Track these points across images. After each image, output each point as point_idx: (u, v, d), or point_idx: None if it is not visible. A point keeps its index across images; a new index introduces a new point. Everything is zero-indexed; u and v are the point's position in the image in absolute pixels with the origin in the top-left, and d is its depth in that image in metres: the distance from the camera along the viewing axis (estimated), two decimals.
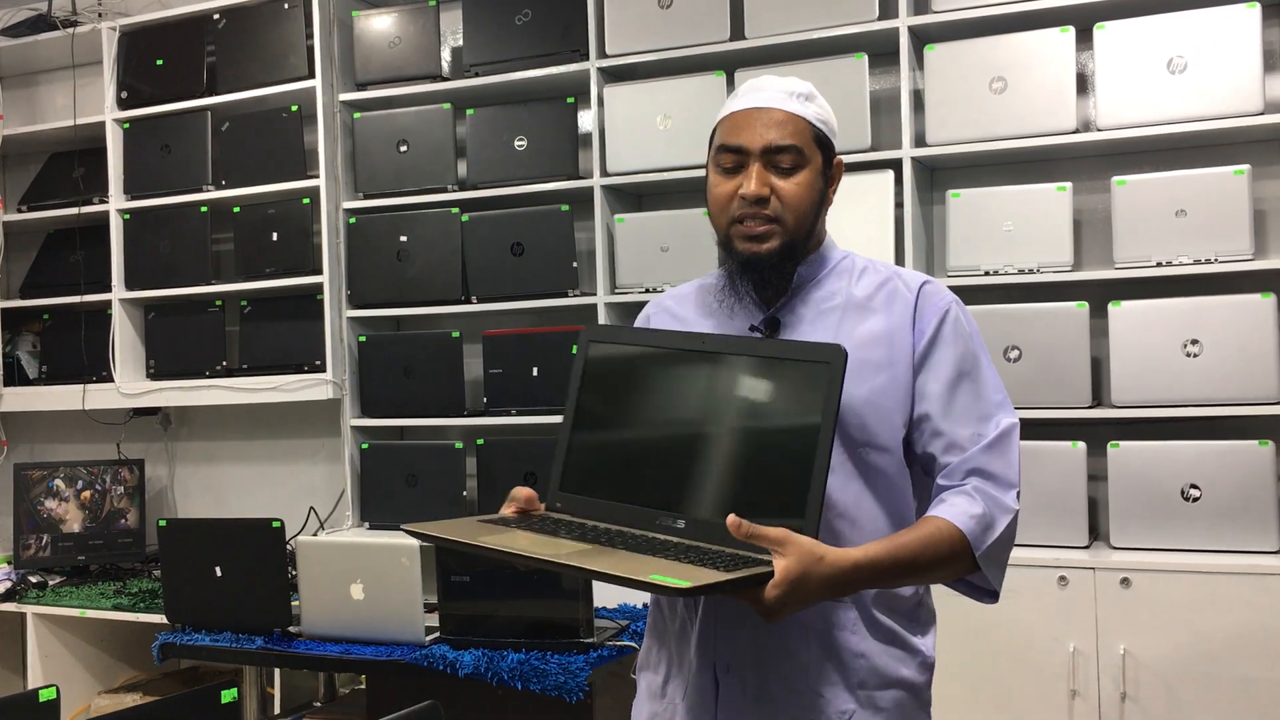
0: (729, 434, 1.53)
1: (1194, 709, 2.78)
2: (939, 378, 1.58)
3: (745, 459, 1.51)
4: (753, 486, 1.50)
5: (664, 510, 1.53)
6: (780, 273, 1.62)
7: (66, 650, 3.88)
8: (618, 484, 1.60)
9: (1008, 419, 1.58)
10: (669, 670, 1.66)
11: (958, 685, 2.95)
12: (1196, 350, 2.93)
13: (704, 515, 1.50)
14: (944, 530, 1.49)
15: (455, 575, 2.78)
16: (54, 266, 4.48)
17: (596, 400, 1.64)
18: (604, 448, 1.63)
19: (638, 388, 1.62)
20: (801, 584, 1.35)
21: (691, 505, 1.52)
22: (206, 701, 2.29)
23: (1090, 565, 2.90)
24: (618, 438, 1.62)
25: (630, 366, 1.63)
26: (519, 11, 3.69)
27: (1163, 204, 2.99)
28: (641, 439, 1.61)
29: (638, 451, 1.60)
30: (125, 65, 4.23)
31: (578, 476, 1.62)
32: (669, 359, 1.61)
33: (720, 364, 1.56)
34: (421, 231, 3.81)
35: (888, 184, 3.25)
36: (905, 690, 1.60)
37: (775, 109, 1.60)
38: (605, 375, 1.64)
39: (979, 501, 1.51)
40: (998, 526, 1.51)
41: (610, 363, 1.65)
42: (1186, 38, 2.98)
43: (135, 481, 4.27)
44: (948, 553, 1.49)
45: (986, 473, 1.54)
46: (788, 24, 3.36)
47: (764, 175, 1.58)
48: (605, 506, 1.58)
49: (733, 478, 1.51)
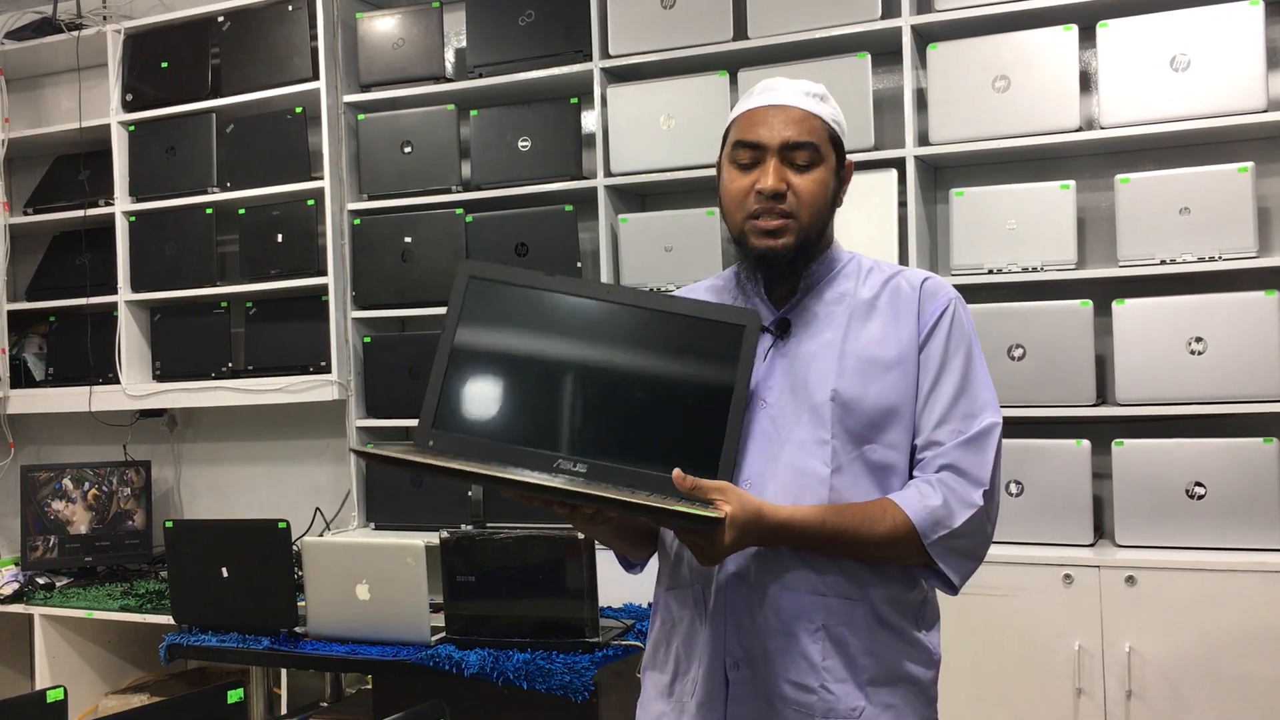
0: (637, 384, 1.53)
1: (1200, 707, 2.78)
2: (929, 372, 1.60)
3: (655, 410, 1.53)
4: (663, 437, 1.52)
5: (561, 453, 1.50)
6: (793, 269, 1.63)
7: (74, 651, 3.90)
8: (503, 424, 1.53)
9: (990, 419, 1.60)
10: (677, 669, 1.66)
11: (964, 683, 2.95)
12: (1201, 348, 2.93)
13: (608, 460, 1.50)
14: (888, 511, 1.54)
15: (460, 575, 2.79)
16: (60, 269, 4.49)
17: (479, 339, 1.55)
18: (488, 387, 1.54)
19: (530, 329, 1.56)
20: (742, 530, 1.45)
21: (593, 449, 1.51)
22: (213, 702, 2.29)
23: (1095, 563, 2.90)
24: (506, 377, 1.55)
25: (520, 308, 1.57)
26: (522, 12, 3.70)
27: (1166, 202, 2.99)
28: (534, 381, 1.55)
29: (528, 393, 1.54)
30: (130, 68, 4.25)
31: (454, 414, 1.53)
32: (564, 305, 1.56)
33: (627, 316, 1.55)
34: (426, 232, 3.81)
35: (891, 183, 3.26)
36: (913, 686, 1.61)
37: (793, 107, 1.62)
38: (490, 314, 1.56)
39: (937, 493, 1.55)
40: (954, 520, 1.54)
41: (496, 302, 1.56)
42: (1189, 35, 2.98)
43: (142, 483, 4.29)
44: (888, 533, 1.53)
45: (957, 468, 1.56)
46: (791, 23, 3.36)
47: (781, 171, 1.60)
48: (488, 446, 1.51)
49: (642, 426, 1.52)
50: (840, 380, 1.59)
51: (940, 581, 1.60)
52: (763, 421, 1.61)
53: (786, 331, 1.64)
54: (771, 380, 1.62)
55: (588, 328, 1.55)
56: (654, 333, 1.55)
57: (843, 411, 1.57)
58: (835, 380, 1.59)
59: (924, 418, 1.59)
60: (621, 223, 3.58)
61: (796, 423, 1.59)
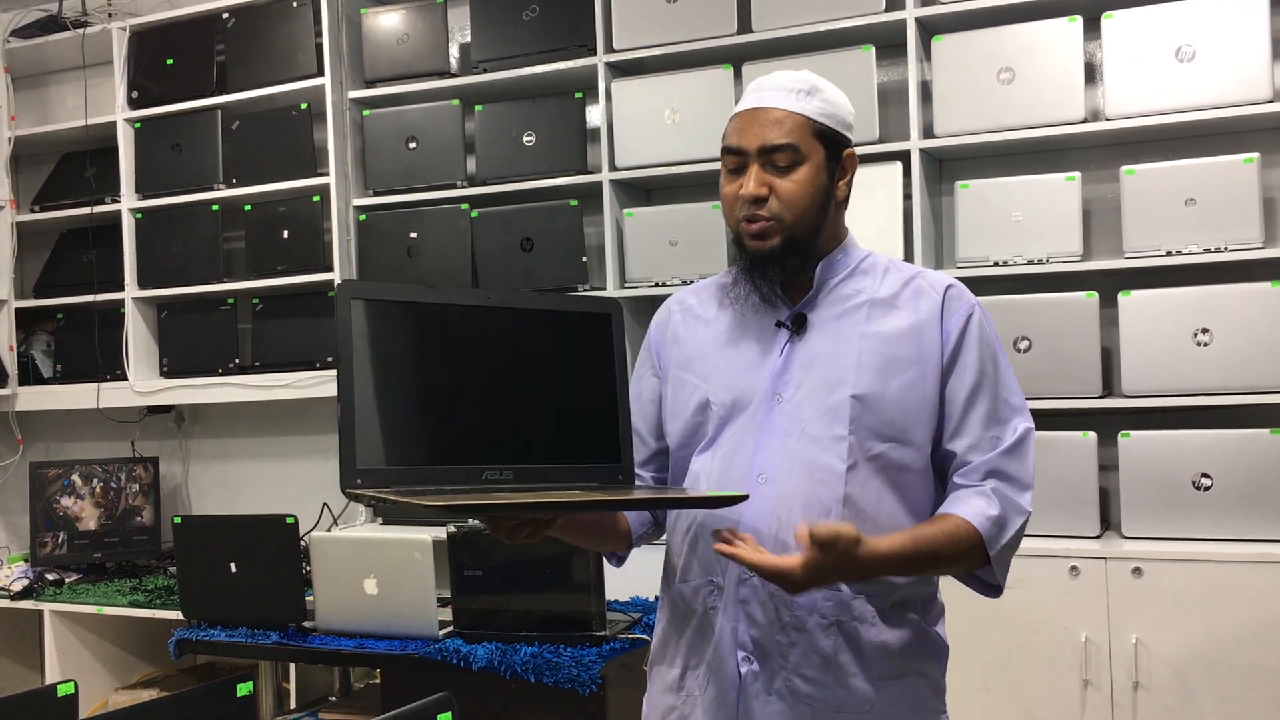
0: (527, 383, 1.55)
1: (1207, 698, 2.78)
2: (964, 380, 1.61)
3: (550, 406, 1.56)
4: (566, 432, 1.57)
5: (484, 464, 1.49)
6: (784, 267, 1.63)
7: (84, 647, 3.91)
8: (422, 447, 1.48)
9: (1024, 424, 1.63)
10: (687, 662, 1.67)
11: (971, 675, 2.95)
12: (1207, 339, 2.93)
13: (527, 463, 1.52)
14: (962, 529, 1.55)
15: (468, 569, 2.80)
16: (67, 266, 4.51)
17: (375, 362, 1.46)
18: (394, 412, 1.46)
19: (419, 344, 1.50)
20: (829, 565, 1.44)
21: (511, 455, 1.51)
22: (222, 696, 2.31)
23: (1102, 555, 2.90)
24: (411, 398, 1.49)
25: (405, 322, 1.50)
26: (526, 7, 3.70)
27: (1172, 193, 2.98)
28: (437, 396, 1.50)
29: (434, 410, 1.49)
30: (135, 65, 4.25)
31: (374, 449, 1.44)
32: (442, 313, 1.52)
33: (501, 318, 1.56)
34: (431, 228, 3.82)
35: (896, 176, 3.25)
36: (923, 679, 1.63)
37: (773, 108, 1.62)
38: (377, 334, 1.46)
39: (996, 503, 1.57)
40: (1010, 528, 1.58)
41: (381, 320, 1.47)
42: (1194, 26, 2.97)
43: (150, 479, 4.30)
44: (964, 550, 1.55)
45: (1004, 474, 1.60)
46: (795, 17, 3.36)
47: (762, 175, 1.61)
48: (417, 473, 1.45)
49: (546, 424, 1.56)
50: (859, 377, 1.59)
51: (986, 588, 1.63)
52: (779, 417, 1.61)
53: (802, 327, 1.65)
54: (788, 376, 1.62)
55: (473, 335, 1.54)
56: (533, 331, 1.57)
57: (861, 408, 1.58)
58: (854, 377, 1.59)
59: (963, 426, 1.60)
60: (627, 217, 3.58)
61: (813, 418, 1.59)
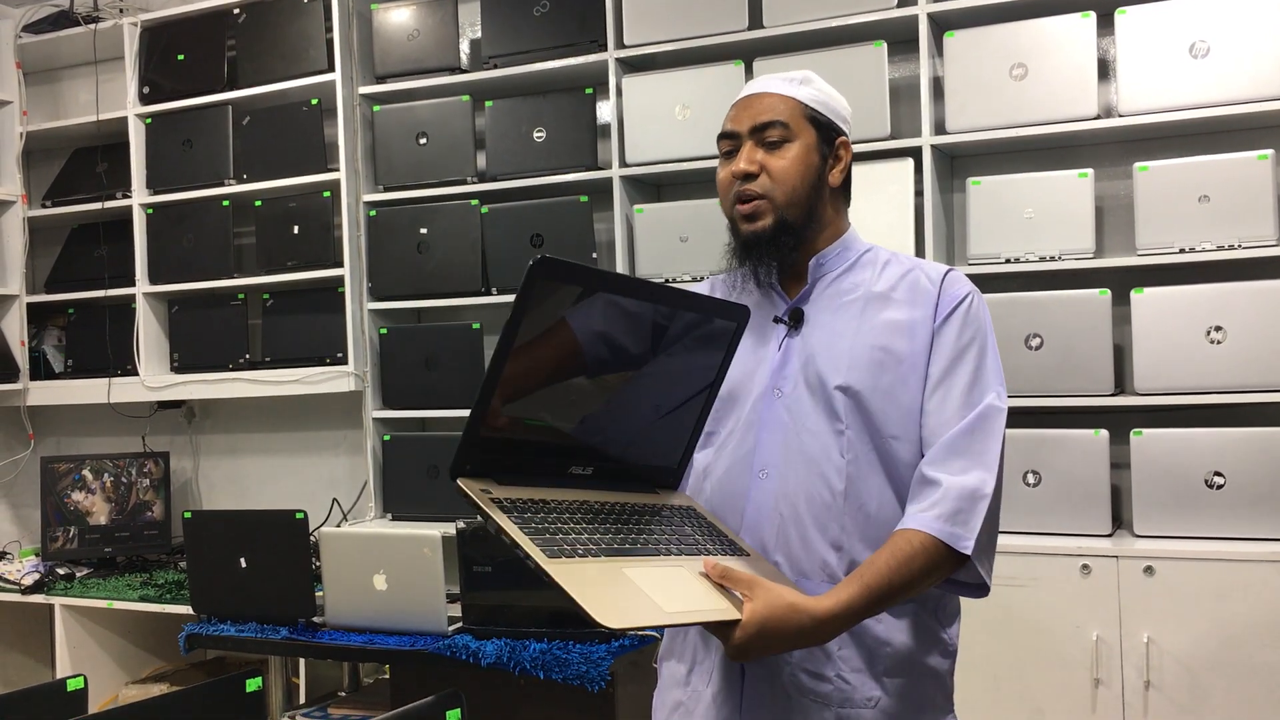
0: (641, 379, 1.50)
1: (1218, 697, 2.77)
2: (940, 359, 1.58)
3: (650, 403, 1.52)
4: (652, 431, 1.53)
5: (573, 459, 1.46)
6: (777, 248, 1.62)
7: (94, 641, 3.93)
8: (534, 433, 1.42)
9: (990, 402, 1.55)
10: (694, 658, 1.66)
11: (981, 674, 2.94)
12: (1220, 337, 2.91)
13: (609, 460, 1.50)
14: (914, 543, 1.46)
15: (477, 565, 2.80)
16: (78, 261, 4.52)
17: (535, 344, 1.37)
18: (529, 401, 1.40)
19: (582, 334, 1.43)
20: (765, 632, 1.35)
21: (598, 449, 1.48)
22: (232, 691, 2.31)
23: (1114, 553, 2.89)
24: (549, 383, 1.42)
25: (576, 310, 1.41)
26: (537, 3, 3.69)
27: (1185, 190, 2.97)
28: (570, 389, 1.44)
29: (563, 399, 1.44)
30: (147, 60, 4.26)
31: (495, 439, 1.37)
32: (616, 306, 1.45)
33: (648, 312, 1.48)
34: (441, 223, 3.82)
35: (907, 172, 3.24)
36: (930, 678, 1.61)
37: (766, 93, 1.66)
38: (546, 318, 1.37)
39: (946, 498, 1.48)
40: (974, 518, 1.48)
41: (555, 305, 1.38)
42: (1208, 22, 2.95)
43: (160, 474, 4.31)
44: (924, 564, 1.46)
45: (962, 451, 1.52)
46: (806, 12, 3.35)
47: (753, 153, 1.64)
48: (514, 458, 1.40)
49: (637, 422, 1.52)
50: (851, 372, 1.58)
51: (968, 589, 1.56)
52: (779, 411, 1.61)
53: (799, 322, 1.64)
54: (786, 370, 1.62)
55: (625, 330, 1.46)
56: (666, 327, 1.50)
57: (856, 403, 1.57)
58: (846, 372, 1.58)
59: (932, 402, 1.56)
60: (637, 213, 3.57)
61: (812, 413, 1.59)
